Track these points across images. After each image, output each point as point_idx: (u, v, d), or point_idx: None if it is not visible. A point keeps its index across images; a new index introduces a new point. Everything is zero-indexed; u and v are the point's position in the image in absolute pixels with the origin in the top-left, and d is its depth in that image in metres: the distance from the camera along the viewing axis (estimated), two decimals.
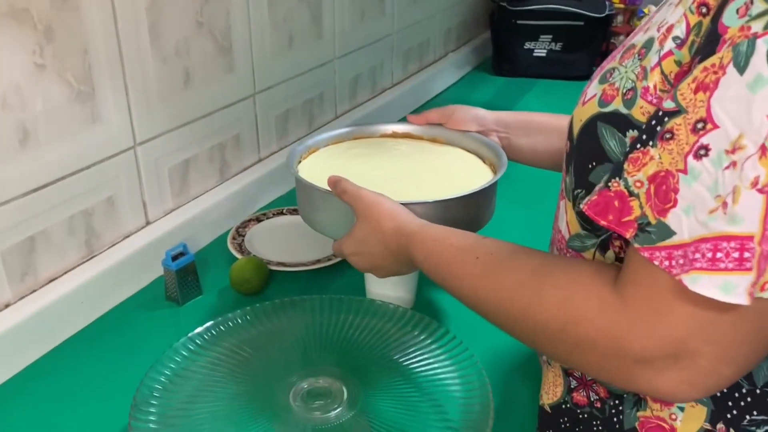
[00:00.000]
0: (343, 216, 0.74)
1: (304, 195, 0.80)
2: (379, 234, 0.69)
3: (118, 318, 0.88)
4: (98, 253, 0.90)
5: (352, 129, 0.93)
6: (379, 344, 0.75)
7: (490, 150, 0.86)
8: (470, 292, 0.58)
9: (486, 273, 0.57)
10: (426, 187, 0.80)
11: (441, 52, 1.81)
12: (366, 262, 0.73)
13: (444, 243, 0.63)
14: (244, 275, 0.90)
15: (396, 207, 0.70)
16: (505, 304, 0.55)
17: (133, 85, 0.88)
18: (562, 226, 0.61)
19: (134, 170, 0.92)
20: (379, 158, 0.87)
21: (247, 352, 0.74)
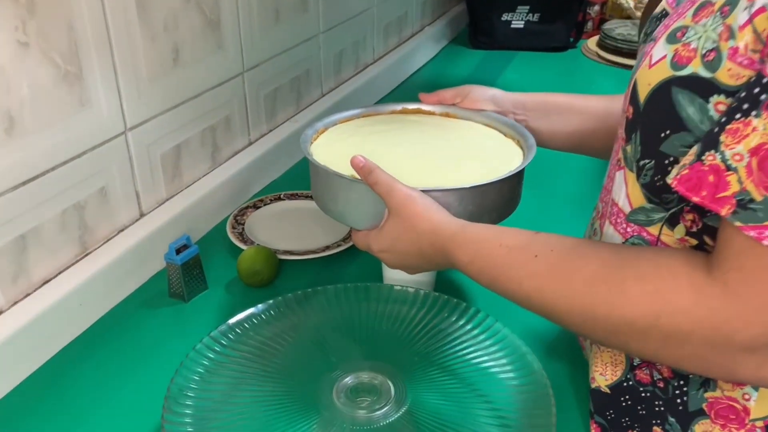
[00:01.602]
0: (371, 206, 0.68)
1: (323, 183, 0.74)
2: (413, 234, 0.64)
3: (121, 319, 0.81)
4: (93, 249, 0.82)
5: (360, 110, 0.88)
6: (415, 333, 0.70)
7: (510, 128, 0.81)
8: (534, 293, 0.54)
9: (551, 271, 0.53)
10: (452, 164, 0.75)
11: (417, 26, 1.76)
12: (397, 260, 0.68)
13: (492, 243, 0.58)
14: (254, 267, 0.84)
15: (430, 205, 0.65)
16: (580, 302, 0.51)
17: (122, 64, 0.80)
18: (620, 199, 0.57)
19: (126, 158, 0.85)
20: (396, 134, 0.82)
21: (277, 347, 0.68)
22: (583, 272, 0.51)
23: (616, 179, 0.58)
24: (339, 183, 0.71)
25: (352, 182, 0.69)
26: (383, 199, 0.66)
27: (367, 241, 0.70)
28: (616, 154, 0.58)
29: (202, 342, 0.67)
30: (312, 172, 0.76)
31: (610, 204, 0.59)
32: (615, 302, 0.49)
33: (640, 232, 0.55)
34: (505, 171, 0.72)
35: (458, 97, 0.85)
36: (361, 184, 0.68)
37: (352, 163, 0.68)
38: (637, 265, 0.49)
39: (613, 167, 0.59)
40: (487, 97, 0.84)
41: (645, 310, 0.47)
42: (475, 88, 0.85)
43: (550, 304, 0.53)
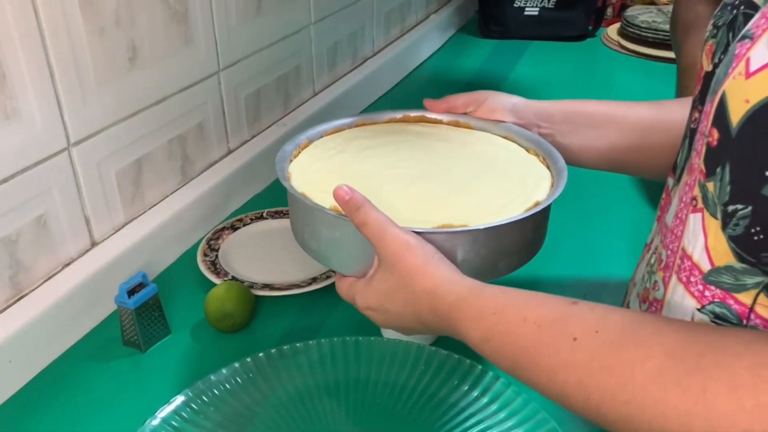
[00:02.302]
0: (359, 248, 0.55)
1: (301, 216, 0.60)
2: (408, 294, 0.51)
3: (62, 375, 0.67)
4: (28, 291, 0.68)
5: (353, 119, 0.73)
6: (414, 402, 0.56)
7: (535, 146, 0.67)
8: (573, 390, 0.40)
9: (597, 362, 0.39)
10: (463, 191, 0.60)
11: (422, 14, 1.61)
12: (387, 321, 0.55)
13: (513, 316, 0.45)
14: (224, 308, 0.70)
15: (431, 257, 0.51)
16: (639, 408, 0.37)
17: (60, 67, 0.66)
18: (695, 251, 0.43)
19: (70, 178, 0.71)
20: (393, 151, 0.67)
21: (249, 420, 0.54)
22: (645, 367, 0.37)
23: (689, 224, 0.44)
24: (320, 218, 0.57)
25: (337, 219, 0.55)
26: (373, 244, 0.53)
27: (352, 292, 0.56)
28: (690, 190, 0.44)
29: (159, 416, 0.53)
30: (290, 200, 0.62)
31: (678, 254, 0.45)
32: (695, 417, 0.34)
33: (725, 298, 0.40)
34: (528, 200, 0.58)
35: (471, 105, 0.71)
36: (347, 222, 0.54)
37: (335, 197, 0.54)
38: (722, 363, 0.35)
39: (685, 206, 0.45)
40: (507, 106, 0.69)
41: (741, 419, 0.33)
42: (491, 95, 0.70)
43: (595, 405, 0.39)
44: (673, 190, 0.51)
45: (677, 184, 0.50)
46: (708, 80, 0.48)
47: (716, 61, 0.46)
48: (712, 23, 0.49)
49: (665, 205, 0.52)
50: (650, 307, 0.48)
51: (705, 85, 0.48)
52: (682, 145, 0.51)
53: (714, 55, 0.47)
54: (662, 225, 0.50)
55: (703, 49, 0.50)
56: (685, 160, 0.50)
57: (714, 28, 0.48)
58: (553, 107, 0.69)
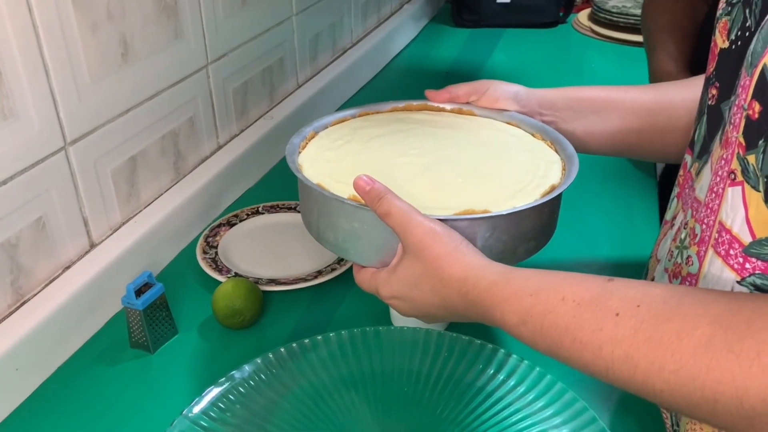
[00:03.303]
0: (380, 238, 0.54)
1: (317, 208, 0.59)
2: (435, 281, 0.51)
3: (71, 379, 0.65)
4: (30, 296, 0.66)
5: (356, 109, 0.73)
6: (437, 390, 0.56)
7: (540, 132, 0.67)
8: (620, 364, 0.40)
9: (643, 335, 0.39)
10: (476, 178, 0.61)
11: (397, 3, 1.60)
12: (413, 310, 0.55)
13: (550, 297, 0.44)
14: (233, 306, 0.69)
15: (458, 243, 0.51)
16: (691, 378, 0.37)
17: (55, 64, 0.64)
18: (734, 224, 0.43)
19: (68, 178, 0.69)
20: (401, 139, 0.67)
21: (269, 417, 0.54)
22: (693, 336, 0.37)
23: (727, 197, 0.44)
24: (338, 209, 0.56)
25: (357, 209, 0.54)
26: (397, 233, 0.52)
27: (375, 283, 0.56)
28: (727, 164, 0.44)
29: (187, 416, 0.52)
30: (302, 192, 0.62)
31: (715, 228, 0.46)
32: (752, 380, 0.35)
33: (766, 270, 0.41)
34: (542, 184, 0.58)
35: (474, 94, 0.71)
36: (368, 212, 0.53)
37: (355, 187, 0.54)
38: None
39: (722, 179, 0.45)
40: (509, 95, 0.70)
41: None
42: (493, 85, 0.71)
43: (643, 377, 0.39)
44: (692, 167, 0.52)
45: (698, 159, 0.51)
46: (724, 57, 0.49)
47: (733, 38, 0.47)
48: (725, 1, 0.50)
49: (684, 181, 0.53)
50: (684, 282, 0.49)
51: (722, 62, 0.49)
52: (699, 122, 0.52)
53: (730, 32, 0.48)
54: (689, 200, 0.51)
55: (716, 26, 0.50)
56: (704, 136, 0.51)
57: (728, 6, 0.49)
58: (555, 95, 0.70)
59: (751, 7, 0.45)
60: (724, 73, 0.49)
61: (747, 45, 0.46)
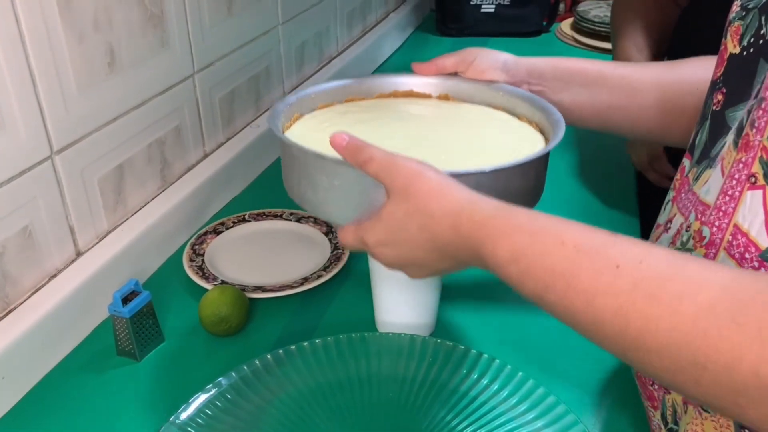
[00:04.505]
0: (363, 194, 0.53)
1: (298, 168, 0.58)
2: (424, 217, 0.48)
3: (57, 389, 0.66)
4: (16, 305, 0.66)
5: (342, 84, 0.72)
6: (422, 395, 0.57)
7: (527, 103, 0.67)
8: (612, 317, 0.38)
9: (642, 290, 0.37)
10: (461, 156, 0.61)
11: (382, 12, 1.62)
12: (400, 256, 0.52)
13: (550, 238, 0.42)
14: (219, 313, 0.70)
15: (447, 179, 0.49)
16: (686, 341, 0.36)
17: (42, 74, 0.64)
18: (752, 227, 0.43)
19: (54, 187, 0.69)
20: (387, 123, 0.67)
21: (263, 429, 0.54)
22: (696, 300, 0.36)
23: (745, 201, 0.43)
24: (319, 166, 0.55)
25: (337, 164, 0.53)
26: (381, 179, 0.51)
27: (359, 234, 0.53)
28: (746, 167, 0.44)
29: (174, 423, 0.53)
30: (284, 155, 0.61)
31: (729, 231, 0.45)
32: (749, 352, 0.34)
33: None
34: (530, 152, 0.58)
35: (461, 65, 0.69)
36: (348, 167, 0.53)
37: (332, 143, 0.52)
38: None
39: (739, 182, 0.44)
40: (497, 64, 0.68)
41: None
42: (481, 54, 0.69)
43: (634, 333, 0.38)
44: (690, 171, 0.52)
45: (696, 164, 0.51)
46: (734, 63, 0.48)
47: (745, 44, 0.47)
48: (739, 5, 0.49)
49: (681, 185, 0.52)
50: None
51: (731, 68, 0.48)
52: (701, 126, 0.51)
53: (742, 38, 0.47)
54: (689, 204, 0.50)
55: (727, 29, 0.50)
56: (705, 141, 0.50)
57: (742, 10, 0.48)
58: (544, 64, 0.69)
59: (767, 14, 0.45)
60: (732, 79, 0.48)
61: (760, 52, 0.45)
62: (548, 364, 0.65)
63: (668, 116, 0.65)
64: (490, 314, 0.74)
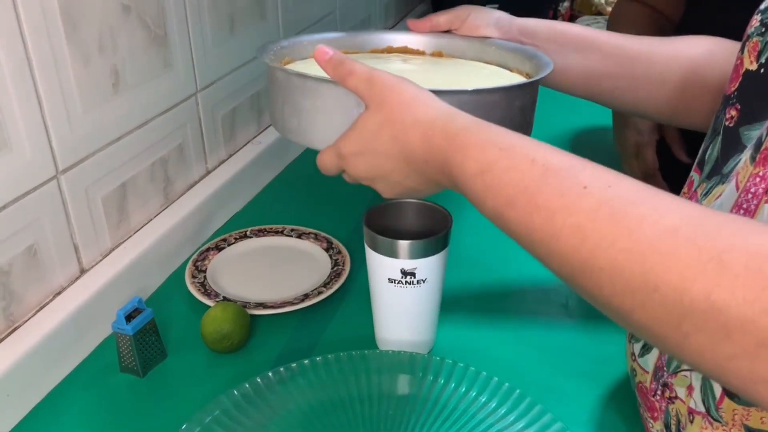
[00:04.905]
0: (345, 116, 0.53)
1: (281, 93, 0.58)
2: (398, 127, 0.48)
3: (61, 405, 0.66)
4: (21, 323, 0.67)
5: (336, 36, 0.73)
6: (434, 417, 0.58)
7: (518, 55, 0.67)
8: (569, 235, 0.38)
9: (604, 211, 0.37)
10: None
11: (381, 29, 1.64)
12: (370, 165, 0.51)
13: (519, 154, 0.42)
14: (221, 330, 0.70)
15: (426, 94, 0.49)
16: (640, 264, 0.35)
17: (48, 96, 0.66)
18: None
19: (59, 206, 0.70)
20: None
21: None
22: (658, 224, 0.35)
23: (763, 213, 0.43)
24: (301, 87, 0.55)
25: (319, 83, 0.54)
26: (360, 93, 0.51)
27: (334, 148, 0.53)
28: (764, 181, 0.43)
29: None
30: (270, 84, 0.61)
31: None
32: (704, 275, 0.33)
33: None
34: None
35: (455, 22, 0.71)
36: (331, 86, 0.53)
37: (315, 56, 0.53)
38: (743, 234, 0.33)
39: (755, 196, 0.43)
40: (490, 21, 0.70)
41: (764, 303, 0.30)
42: (474, 11, 0.71)
43: (588, 250, 0.37)
44: (699, 186, 0.52)
45: (707, 179, 0.51)
46: (751, 79, 0.48)
47: (763, 62, 0.47)
48: (759, 20, 0.49)
49: (690, 199, 0.52)
50: None
51: (747, 84, 0.48)
52: (712, 141, 0.52)
53: (760, 55, 0.47)
54: None
55: (745, 45, 0.50)
56: (716, 157, 0.50)
57: (762, 26, 0.48)
58: (538, 24, 0.70)
59: None
60: (748, 96, 0.48)
61: None
62: (546, 382, 0.66)
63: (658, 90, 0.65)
64: (488, 331, 0.75)
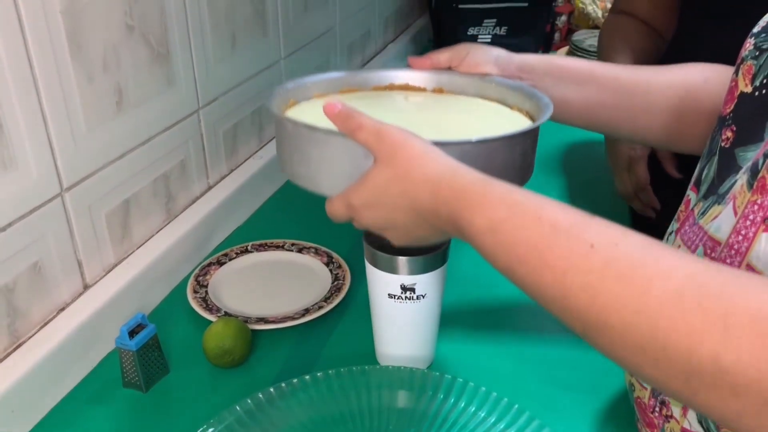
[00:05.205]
0: (353, 165, 0.54)
1: (290, 141, 0.59)
2: (407, 183, 0.50)
3: (64, 421, 0.67)
4: (25, 339, 0.68)
5: (338, 75, 0.74)
6: (433, 431, 0.59)
7: (518, 93, 0.68)
8: (581, 294, 0.39)
9: (613, 271, 0.38)
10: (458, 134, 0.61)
11: (381, 44, 1.65)
12: (380, 217, 0.53)
13: (529, 212, 0.43)
14: (223, 345, 0.71)
15: (432, 148, 0.51)
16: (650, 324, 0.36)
17: (53, 114, 0.67)
18: (765, 268, 0.43)
19: (63, 223, 0.71)
20: (381, 113, 0.67)
21: None
22: (665, 285, 0.36)
23: (761, 242, 0.44)
24: (310, 138, 0.57)
25: (328, 135, 0.55)
26: (369, 146, 0.53)
27: (344, 198, 0.55)
28: (762, 209, 0.44)
29: None
30: (277, 131, 0.62)
31: (742, 269, 0.45)
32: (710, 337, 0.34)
33: None
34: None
35: (455, 59, 0.72)
36: (340, 138, 0.54)
37: (325, 111, 0.54)
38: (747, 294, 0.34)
39: (753, 224, 0.45)
40: (490, 58, 0.70)
41: None
42: (473, 49, 0.72)
43: (598, 310, 0.38)
44: (696, 205, 0.53)
45: (703, 199, 0.52)
46: (746, 102, 0.49)
47: (758, 84, 0.48)
48: (753, 44, 0.51)
49: (686, 218, 0.54)
50: None
51: (742, 106, 0.50)
52: (708, 162, 0.53)
53: (755, 78, 0.49)
54: (695, 238, 0.51)
55: (740, 67, 0.51)
56: (713, 178, 0.51)
57: (756, 50, 0.50)
58: (535, 60, 0.71)
59: None
60: (743, 118, 0.50)
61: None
62: (544, 396, 0.67)
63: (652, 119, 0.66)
64: (487, 346, 0.75)
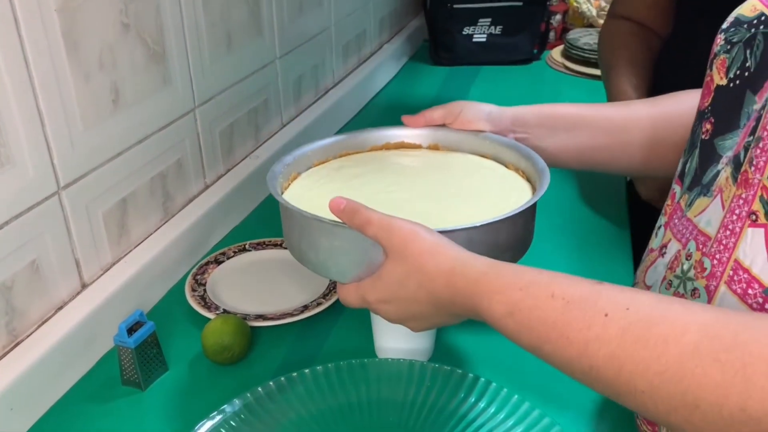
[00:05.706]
0: (361, 253, 0.56)
1: (298, 229, 0.61)
2: (421, 276, 0.52)
3: (63, 419, 0.67)
4: (24, 337, 0.68)
5: (335, 140, 0.76)
6: (432, 423, 0.59)
7: (513, 151, 0.70)
8: (605, 364, 0.41)
9: (631, 336, 0.40)
10: (455, 205, 0.64)
11: (376, 44, 1.65)
12: (401, 312, 0.55)
13: (540, 292, 0.45)
14: (222, 342, 0.71)
15: (441, 239, 0.53)
16: (675, 382, 0.38)
17: (50, 112, 0.67)
18: (754, 264, 0.44)
19: (61, 222, 0.71)
20: (381, 177, 0.70)
21: None
22: (680, 342, 0.38)
23: (746, 237, 0.45)
24: (318, 228, 0.58)
25: (336, 227, 0.57)
26: (379, 240, 0.54)
27: (360, 291, 0.57)
28: (747, 204, 0.45)
29: None
30: (283, 216, 0.64)
31: (730, 265, 0.46)
32: (734, 389, 0.36)
33: None
34: (516, 204, 0.61)
35: (448, 117, 0.74)
36: (346, 229, 0.56)
37: (331, 208, 0.56)
38: (759, 340, 0.36)
39: (739, 218, 0.46)
40: (482, 115, 0.72)
41: None
42: (467, 106, 0.73)
43: (626, 378, 0.40)
44: (681, 198, 0.54)
45: (688, 191, 0.53)
46: (722, 94, 0.51)
47: (731, 76, 0.50)
48: (723, 38, 0.52)
49: (673, 211, 0.55)
50: None
51: (718, 98, 0.51)
52: (690, 155, 0.54)
53: (728, 70, 0.50)
54: (685, 231, 0.52)
55: (713, 62, 0.53)
56: (695, 169, 0.52)
57: (726, 44, 0.51)
58: (527, 112, 0.72)
59: (752, 48, 0.48)
60: (720, 110, 0.51)
61: (746, 84, 0.48)
62: (544, 388, 0.67)
63: (653, 151, 0.68)
64: (486, 338, 0.75)
